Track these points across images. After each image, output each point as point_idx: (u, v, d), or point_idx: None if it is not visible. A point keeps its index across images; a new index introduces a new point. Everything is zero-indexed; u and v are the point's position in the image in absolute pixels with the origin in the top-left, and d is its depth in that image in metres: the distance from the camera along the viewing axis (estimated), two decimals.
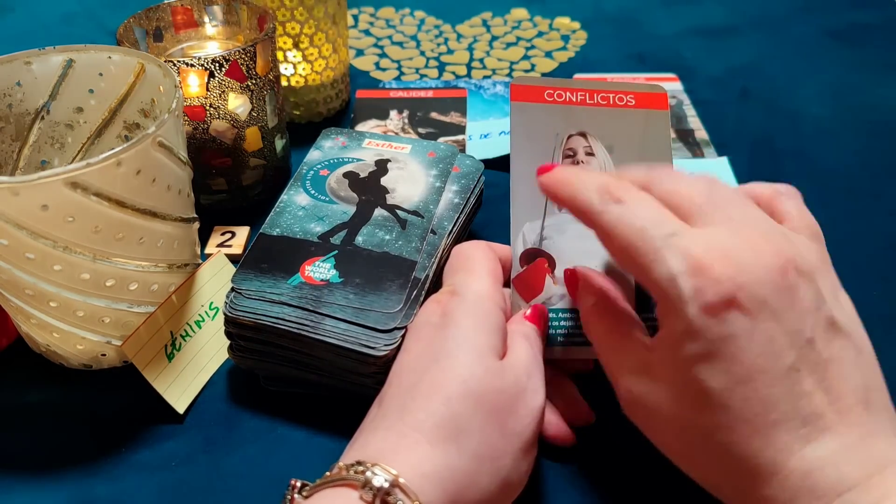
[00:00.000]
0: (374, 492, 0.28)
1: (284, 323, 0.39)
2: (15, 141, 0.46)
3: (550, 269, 0.41)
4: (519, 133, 0.43)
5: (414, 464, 0.30)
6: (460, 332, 0.34)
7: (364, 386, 0.39)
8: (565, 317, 0.41)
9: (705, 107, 0.71)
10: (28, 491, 0.39)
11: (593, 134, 0.43)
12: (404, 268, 0.41)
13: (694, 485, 0.34)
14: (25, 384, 0.44)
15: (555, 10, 0.91)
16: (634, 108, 0.43)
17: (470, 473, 0.31)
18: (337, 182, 0.48)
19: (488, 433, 0.31)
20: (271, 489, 0.36)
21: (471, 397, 0.32)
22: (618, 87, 0.44)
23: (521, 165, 0.42)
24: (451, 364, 0.33)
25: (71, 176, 0.35)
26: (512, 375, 0.34)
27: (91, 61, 0.46)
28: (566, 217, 0.42)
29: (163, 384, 0.42)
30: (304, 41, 0.64)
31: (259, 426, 0.42)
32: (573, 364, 0.41)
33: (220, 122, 0.53)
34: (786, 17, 0.88)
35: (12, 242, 0.37)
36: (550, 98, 0.43)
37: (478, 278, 0.37)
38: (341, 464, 0.30)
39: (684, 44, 0.83)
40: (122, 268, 0.40)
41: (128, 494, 0.38)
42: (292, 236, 0.44)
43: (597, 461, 0.40)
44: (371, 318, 0.39)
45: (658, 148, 0.43)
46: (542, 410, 0.34)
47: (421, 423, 0.31)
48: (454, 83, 0.76)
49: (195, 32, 0.59)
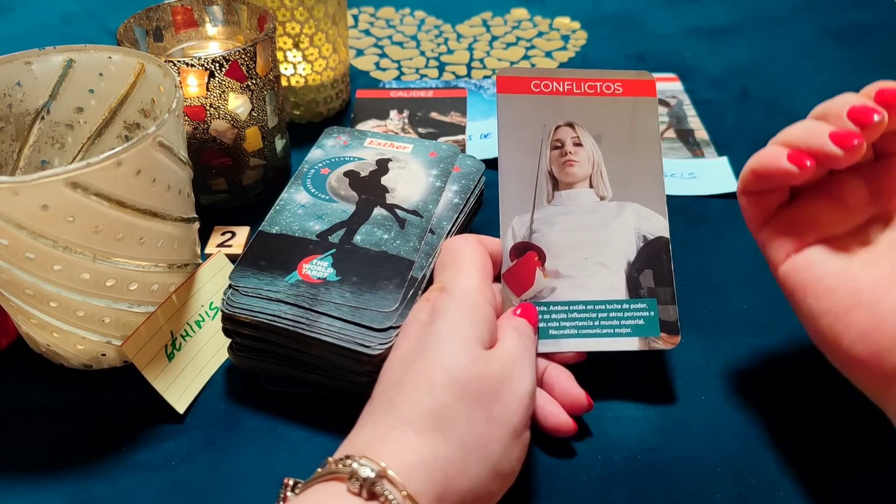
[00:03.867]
0: (361, 483, 0.29)
1: (280, 320, 0.39)
2: (15, 141, 0.46)
3: (540, 262, 0.41)
4: (506, 125, 0.43)
5: (401, 454, 0.30)
6: (445, 325, 0.34)
7: (359, 385, 0.39)
8: (556, 309, 0.41)
9: (705, 107, 0.71)
10: (28, 491, 0.39)
11: (581, 124, 0.43)
12: (402, 267, 0.41)
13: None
14: (25, 384, 0.44)
15: (555, 10, 0.91)
16: (622, 97, 0.43)
17: (457, 462, 0.31)
18: (337, 181, 0.48)
19: (474, 421, 0.32)
20: (271, 489, 0.36)
21: (455, 386, 0.32)
22: (605, 76, 0.44)
23: (509, 158, 0.42)
24: (437, 355, 0.33)
25: (71, 176, 0.35)
26: (497, 363, 0.34)
27: (91, 61, 0.46)
28: (555, 210, 0.42)
29: (163, 384, 0.42)
30: (305, 41, 0.64)
31: (259, 426, 0.42)
32: (566, 356, 0.41)
33: (220, 122, 0.54)
34: (786, 17, 0.88)
35: (12, 242, 0.37)
36: (537, 89, 0.43)
37: (467, 274, 0.37)
38: (330, 459, 0.30)
39: (684, 44, 0.83)
40: (122, 268, 0.40)
41: (128, 494, 0.39)
42: (291, 234, 0.44)
43: (594, 449, 0.40)
44: (367, 317, 0.39)
45: (647, 135, 0.44)
46: (531, 397, 0.34)
47: (407, 414, 0.31)
48: (454, 83, 0.76)
49: (195, 32, 0.59)
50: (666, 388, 0.43)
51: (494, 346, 0.35)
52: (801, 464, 0.39)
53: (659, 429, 0.41)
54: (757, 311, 0.49)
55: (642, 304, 0.41)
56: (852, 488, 0.38)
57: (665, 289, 0.42)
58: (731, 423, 0.41)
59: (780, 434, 0.41)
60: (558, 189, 0.43)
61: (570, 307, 0.41)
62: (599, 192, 0.43)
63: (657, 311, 0.41)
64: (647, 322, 0.41)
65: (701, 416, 0.42)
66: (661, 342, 0.41)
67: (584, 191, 0.43)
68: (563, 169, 0.43)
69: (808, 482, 0.38)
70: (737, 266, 0.52)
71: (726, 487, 0.38)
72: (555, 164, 0.44)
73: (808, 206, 0.38)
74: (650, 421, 0.42)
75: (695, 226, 0.56)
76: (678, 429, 0.41)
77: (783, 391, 0.43)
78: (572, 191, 0.43)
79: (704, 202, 0.59)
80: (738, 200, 0.40)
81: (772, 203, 0.39)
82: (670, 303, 0.41)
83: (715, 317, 0.48)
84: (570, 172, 0.43)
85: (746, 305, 0.49)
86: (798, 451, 0.40)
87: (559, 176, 0.43)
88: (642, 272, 0.42)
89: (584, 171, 0.43)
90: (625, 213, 0.43)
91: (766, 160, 0.37)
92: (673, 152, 0.64)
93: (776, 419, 0.42)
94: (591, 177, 0.43)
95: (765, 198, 0.39)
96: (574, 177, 0.43)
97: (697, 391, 0.43)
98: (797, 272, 0.37)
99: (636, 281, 0.42)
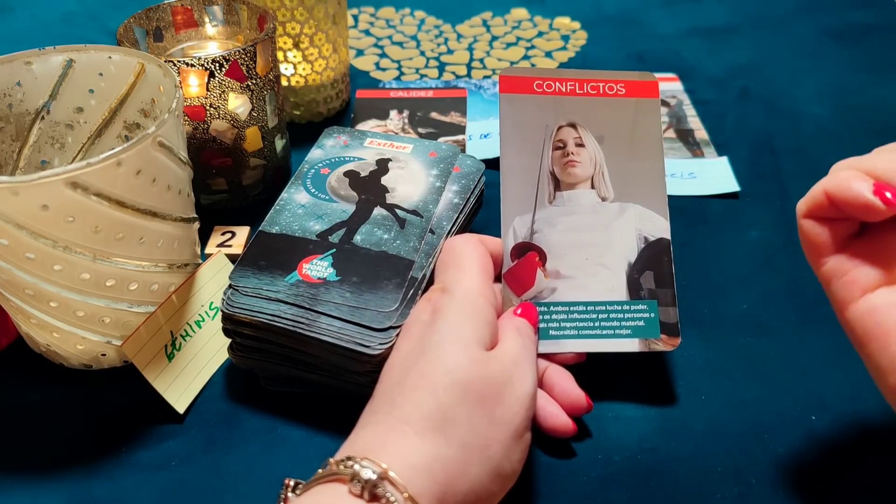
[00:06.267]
0: (363, 484, 0.29)
1: (280, 320, 0.39)
2: (15, 141, 0.46)
3: (541, 262, 0.41)
4: (508, 125, 0.43)
5: (402, 456, 0.30)
6: (447, 326, 0.34)
7: (359, 385, 0.39)
8: (556, 310, 0.41)
9: (705, 107, 0.71)
10: (28, 491, 0.39)
11: (583, 124, 0.43)
12: (401, 267, 0.41)
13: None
14: (25, 384, 0.44)
15: (555, 10, 0.91)
16: (625, 97, 0.43)
17: (459, 463, 0.31)
18: (337, 181, 0.48)
19: (476, 422, 0.32)
20: (271, 489, 0.36)
21: (457, 387, 0.32)
22: (607, 76, 0.44)
23: (511, 158, 0.42)
24: (438, 356, 0.33)
25: (71, 176, 0.35)
26: (498, 364, 0.34)
27: (91, 61, 0.46)
28: (556, 210, 0.42)
29: (163, 384, 0.42)
30: (305, 41, 0.64)
31: (259, 426, 0.42)
32: (566, 356, 0.41)
33: (220, 122, 0.53)
34: (786, 17, 0.88)
35: (12, 242, 0.37)
36: (540, 89, 0.43)
37: (468, 275, 0.37)
38: (332, 460, 0.30)
39: (684, 44, 0.83)
40: (122, 268, 0.40)
41: (128, 494, 0.38)
42: (291, 234, 0.44)
43: (594, 449, 0.40)
44: (366, 317, 0.39)
45: (649, 137, 0.44)
46: (532, 398, 0.34)
47: (408, 415, 0.31)
48: (454, 83, 0.76)
49: (195, 32, 0.59)
50: (666, 388, 0.43)
51: (495, 347, 0.35)
52: (801, 464, 0.39)
53: (659, 429, 0.41)
54: (757, 311, 0.49)
55: (643, 306, 0.41)
56: (852, 488, 0.38)
57: (666, 290, 0.42)
58: (731, 423, 0.41)
59: (780, 434, 0.41)
60: (560, 189, 0.43)
61: (571, 308, 0.41)
62: (601, 193, 0.43)
63: (657, 312, 0.41)
64: (648, 323, 0.41)
65: (701, 416, 0.42)
66: (661, 344, 0.41)
67: (585, 191, 0.43)
68: (565, 169, 0.43)
69: (809, 482, 0.38)
70: (737, 266, 0.52)
71: (726, 487, 0.38)
72: (556, 164, 0.44)
73: (891, 238, 0.33)
74: (650, 421, 0.42)
75: (695, 226, 0.56)
76: (678, 429, 0.41)
77: (783, 391, 0.43)
78: (574, 191, 0.43)
79: (704, 202, 0.59)
80: (801, 224, 0.34)
81: (842, 232, 0.34)
82: (671, 304, 0.41)
83: (715, 317, 0.48)
84: (572, 173, 0.43)
85: (746, 305, 0.49)
86: (798, 451, 0.40)
87: (561, 176, 0.43)
88: (643, 273, 0.42)
89: (585, 172, 0.43)
90: (626, 214, 0.43)
91: (845, 187, 0.32)
92: (673, 152, 0.64)
93: (776, 419, 0.42)
94: (592, 177, 0.43)
95: (835, 225, 0.34)
96: (576, 177, 0.43)
97: (697, 391, 0.43)
98: (873, 315, 0.32)
99: (637, 282, 0.42)
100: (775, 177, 0.62)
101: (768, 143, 0.66)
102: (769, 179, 0.61)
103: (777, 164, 0.63)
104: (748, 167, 0.62)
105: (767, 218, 0.57)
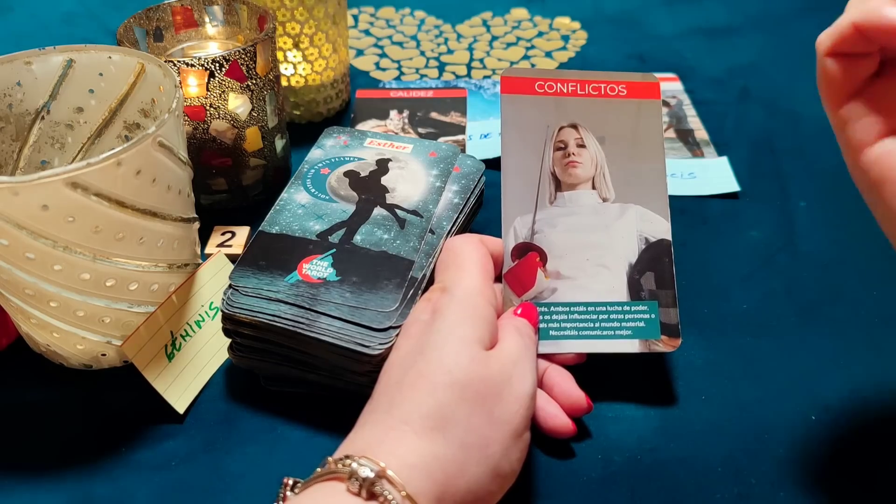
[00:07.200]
0: (361, 482, 0.29)
1: (280, 320, 0.39)
2: (15, 141, 0.46)
3: (542, 262, 0.41)
4: (510, 126, 0.43)
5: (401, 455, 0.30)
6: (446, 325, 0.34)
7: (359, 385, 0.39)
8: (557, 310, 0.41)
9: (705, 107, 0.71)
10: (28, 491, 0.39)
11: (584, 125, 0.43)
12: (401, 267, 0.41)
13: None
14: (25, 384, 0.44)
15: (555, 10, 0.91)
16: (626, 98, 0.43)
17: (458, 462, 0.31)
18: (337, 181, 0.48)
19: (475, 421, 0.32)
20: (271, 489, 0.36)
21: (456, 386, 0.32)
22: (609, 77, 0.44)
23: (512, 158, 0.42)
24: (437, 355, 0.33)
25: (71, 176, 0.35)
26: (498, 364, 0.34)
27: (91, 61, 0.46)
28: (557, 211, 0.42)
29: (163, 384, 0.42)
30: (304, 41, 0.64)
31: (259, 426, 0.42)
32: (567, 357, 0.41)
33: (220, 122, 0.53)
34: (786, 17, 0.88)
35: (12, 242, 0.37)
36: (541, 90, 0.43)
37: (468, 275, 0.37)
38: (330, 459, 0.30)
39: (684, 44, 0.83)
40: (122, 268, 0.40)
41: (128, 494, 0.38)
42: (291, 234, 0.44)
43: (594, 449, 0.40)
44: (366, 317, 0.39)
45: (650, 138, 0.44)
46: (531, 398, 0.34)
47: (407, 414, 0.31)
48: (454, 83, 0.76)
49: (195, 32, 0.59)
50: (666, 388, 0.44)
51: (495, 347, 0.35)
52: (801, 464, 0.39)
53: (659, 429, 0.41)
54: (757, 311, 0.49)
55: (643, 307, 0.41)
56: (852, 488, 0.38)
57: (666, 291, 0.42)
58: (731, 423, 0.41)
59: (781, 434, 0.41)
60: (561, 190, 0.43)
61: (571, 308, 0.41)
62: (602, 194, 0.43)
63: (658, 313, 0.41)
64: (648, 324, 0.41)
65: (701, 416, 0.42)
66: (661, 345, 0.41)
67: (586, 192, 0.43)
68: (566, 170, 0.43)
69: (808, 482, 0.38)
70: (737, 266, 0.52)
71: (726, 487, 0.38)
72: (558, 164, 0.44)
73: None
74: (650, 421, 0.42)
75: (695, 226, 0.56)
76: (678, 429, 0.41)
77: (783, 391, 0.43)
78: (575, 192, 0.43)
79: (704, 202, 0.59)
80: (820, 65, 0.34)
81: (864, 70, 0.32)
82: (671, 305, 0.41)
83: (715, 317, 0.48)
84: (573, 174, 0.43)
85: (746, 305, 0.49)
86: (798, 451, 0.40)
87: (562, 177, 0.43)
88: (644, 274, 0.42)
89: (586, 173, 0.43)
90: (627, 215, 0.43)
91: (876, 15, 0.30)
92: (673, 152, 0.64)
93: (776, 419, 0.42)
94: (593, 178, 0.43)
95: (858, 63, 0.32)
96: (577, 178, 0.43)
97: (697, 391, 0.43)
98: (889, 157, 0.31)
99: (637, 283, 0.42)
100: (775, 177, 0.62)
101: (768, 143, 0.66)
102: (769, 179, 0.61)
103: (777, 164, 0.63)
104: (748, 167, 0.62)
105: (767, 218, 0.57)
